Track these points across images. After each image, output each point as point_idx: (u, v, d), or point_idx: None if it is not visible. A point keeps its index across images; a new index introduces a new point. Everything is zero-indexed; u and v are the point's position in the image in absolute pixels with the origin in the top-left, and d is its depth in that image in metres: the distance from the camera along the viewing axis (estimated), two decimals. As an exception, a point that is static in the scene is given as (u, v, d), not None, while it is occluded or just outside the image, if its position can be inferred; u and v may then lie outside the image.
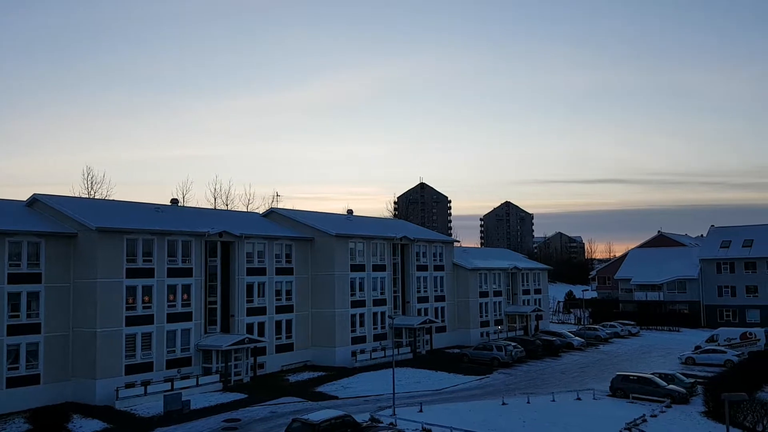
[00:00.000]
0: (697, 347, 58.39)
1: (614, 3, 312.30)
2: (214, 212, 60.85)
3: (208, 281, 46.51)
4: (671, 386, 40.41)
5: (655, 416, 35.38)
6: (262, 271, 50.28)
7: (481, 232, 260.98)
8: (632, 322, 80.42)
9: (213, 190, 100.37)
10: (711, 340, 60.96)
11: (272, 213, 58.60)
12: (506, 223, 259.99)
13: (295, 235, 53.51)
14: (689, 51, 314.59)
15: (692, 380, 43.12)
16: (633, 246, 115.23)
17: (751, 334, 61.02)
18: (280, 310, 51.34)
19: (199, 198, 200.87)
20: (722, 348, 56.73)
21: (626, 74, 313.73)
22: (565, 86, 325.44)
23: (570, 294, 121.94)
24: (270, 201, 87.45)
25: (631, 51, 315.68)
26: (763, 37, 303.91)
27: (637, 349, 64.77)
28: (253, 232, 50.15)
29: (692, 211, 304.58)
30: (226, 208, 78.93)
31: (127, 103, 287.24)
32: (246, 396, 40.81)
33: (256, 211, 73.31)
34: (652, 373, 42.86)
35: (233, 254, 48.34)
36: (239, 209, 79.76)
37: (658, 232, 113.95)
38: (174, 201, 55.28)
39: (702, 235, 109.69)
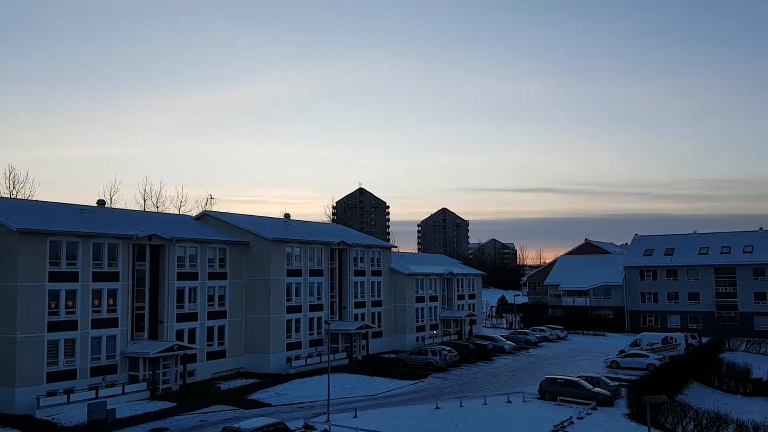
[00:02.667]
0: (622, 351, 60.72)
1: (546, 17, 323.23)
2: (143, 214, 58.89)
3: (135, 286, 45.03)
4: (597, 389, 41.83)
5: (582, 418, 36.52)
6: (194, 276, 48.98)
7: (419, 237, 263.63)
8: (560, 327, 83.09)
9: (143, 192, 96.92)
10: (634, 344, 63.63)
11: (205, 216, 57.23)
12: (443, 230, 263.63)
13: (230, 239, 52.44)
14: (615, 64, 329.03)
15: (617, 383, 44.77)
16: (562, 253, 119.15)
17: (672, 338, 64.10)
18: (212, 315, 50.13)
19: (127, 199, 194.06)
20: (645, 352, 59.18)
21: (556, 86, 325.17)
22: (498, 96, 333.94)
23: (503, 299, 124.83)
24: (203, 203, 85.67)
25: (562, 64, 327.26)
26: (684, 52, 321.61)
27: (565, 353, 66.82)
28: (184, 235, 48.85)
29: (617, 220, 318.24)
30: (156, 211, 76.55)
31: (50, 99, 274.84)
32: (175, 404, 39.62)
33: (189, 213, 71.59)
34: (579, 377, 44.25)
35: (163, 258, 46.93)
36: (171, 212, 77.52)
37: (586, 239, 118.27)
38: (101, 202, 53.20)
39: (626, 244, 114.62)
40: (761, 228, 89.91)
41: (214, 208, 65.51)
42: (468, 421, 34.55)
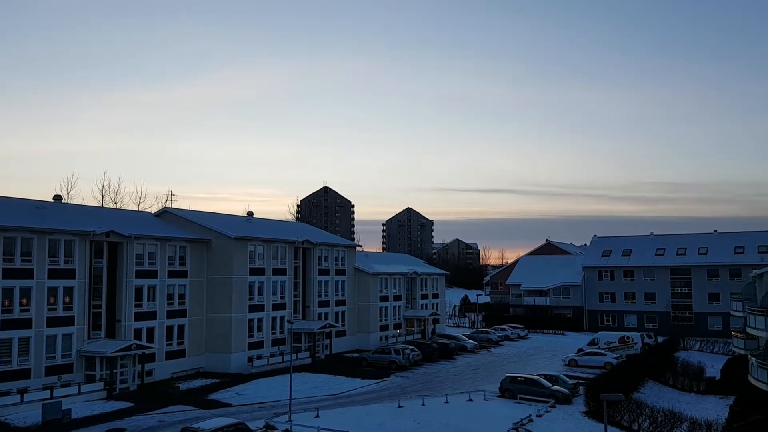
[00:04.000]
0: (580, 350, 61.89)
1: (511, 20, 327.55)
2: (101, 211, 57.58)
3: (92, 284, 44.07)
4: (555, 387, 42.55)
5: (541, 416, 37.11)
6: (153, 274, 48.11)
7: (384, 237, 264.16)
8: (521, 326, 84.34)
9: (101, 188, 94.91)
10: (592, 343, 64.93)
11: (165, 213, 56.23)
12: (407, 229, 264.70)
13: (191, 236, 51.66)
14: (578, 70, 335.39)
15: (575, 381, 45.61)
16: (524, 253, 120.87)
17: (628, 338, 65.59)
18: (171, 314, 49.32)
19: (85, 195, 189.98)
20: (602, 351, 60.47)
21: (520, 90, 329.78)
22: (462, 98, 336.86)
23: (465, 298, 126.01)
24: (164, 200, 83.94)
25: (526, 68, 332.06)
26: (643, 59, 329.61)
27: (525, 352, 67.82)
28: (143, 232, 47.94)
29: (577, 222, 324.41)
30: (114, 207, 74.92)
31: (5, 93, 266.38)
32: (132, 404, 38.94)
33: (148, 210, 70.23)
34: (538, 375, 44.96)
35: (121, 255, 45.99)
36: (130, 208, 76.04)
37: (546, 240, 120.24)
38: (57, 198, 51.75)
39: (586, 244, 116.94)
40: (716, 230, 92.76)
41: (175, 205, 64.51)
42: (430, 420, 34.77)
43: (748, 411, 35.80)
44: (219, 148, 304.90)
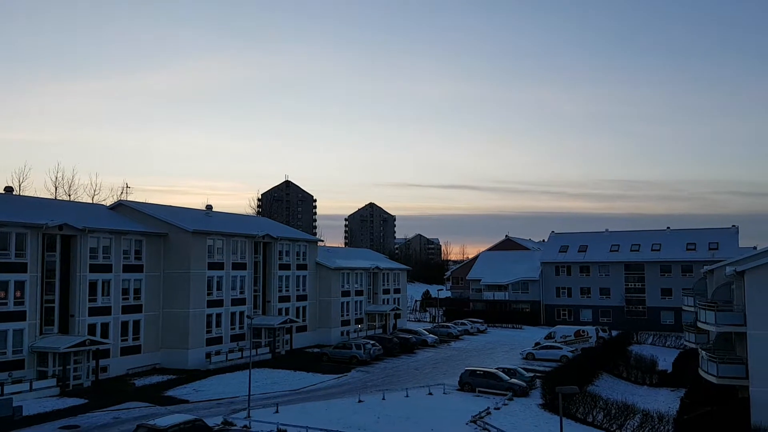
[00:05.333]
0: (537, 344, 63.04)
1: (475, 18, 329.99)
2: (54, 203, 55.90)
3: (45, 278, 42.85)
4: (513, 380, 43.23)
5: (498, 408, 37.65)
6: (107, 268, 47.02)
7: (346, 232, 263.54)
8: (481, 320, 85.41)
9: (54, 179, 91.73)
10: (549, 337, 66.20)
11: (121, 205, 54.92)
12: (370, 224, 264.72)
13: (147, 230, 50.60)
14: (536, 68, 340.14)
15: (532, 374, 46.47)
16: (484, 249, 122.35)
17: (584, 331, 67.10)
18: (127, 309, 48.29)
19: (37, 187, 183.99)
20: (559, 344, 61.67)
21: (481, 87, 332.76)
22: (425, 95, 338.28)
23: (427, 293, 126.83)
24: (119, 193, 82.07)
25: (488, 65, 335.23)
26: (600, 58, 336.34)
27: (484, 346, 68.69)
28: (98, 225, 46.80)
29: (536, 218, 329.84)
30: (68, 199, 72.84)
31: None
32: (86, 401, 38.11)
33: (103, 203, 68.54)
34: (497, 368, 45.60)
35: (75, 249, 44.81)
36: (84, 200, 74.00)
37: (506, 236, 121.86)
38: (8, 189, 50.05)
39: (544, 240, 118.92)
40: (669, 227, 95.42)
41: (131, 198, 63.16)
42: (390, 414, 34.91)
43: (699, 403, 37.00)
44: (177, 140, 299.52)
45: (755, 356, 34.08)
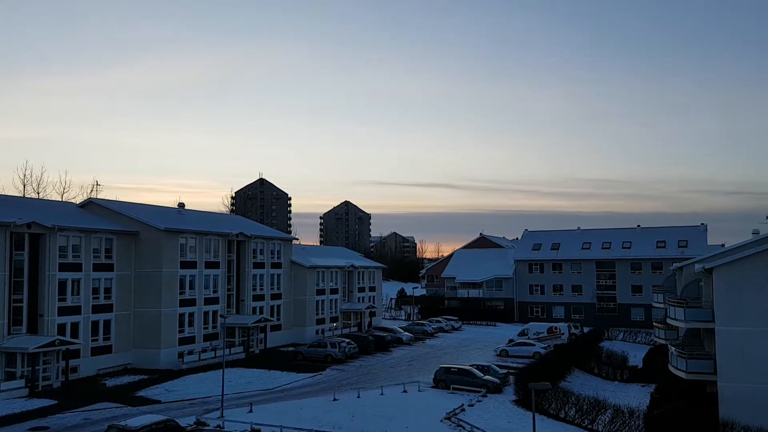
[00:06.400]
0: (510, 340, 63.60)
1: (451, 16, 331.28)
2: (22, 201, 54.64)
3: (13, 277, 41.92)
4: (487, 377, 43.57)
5: (473, 405, 37.93)
6: (77, 267, 46.20)
7: (321, 230, 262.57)
8: (456, 318, 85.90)
9: (22, 177, 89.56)
10: (522, 333, 66.86)
11: (91, 203, 54.00)
12: (345, 222, 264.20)
13: (118, 228, 49.82)
14: (509, 68, 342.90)
15: (505, 371, 46.85)
16: (459, 246, 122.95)
17: (556, 328, 67.89)
18: (97, 309, 47.52)
19: (5, 184, 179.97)
20: (531, 341, 62.34)
21: (456, 86, 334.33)
22: (400, 94, 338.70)
23: (402, 291, 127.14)
24: (89, 190, 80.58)
25: (463, 65, 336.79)
26: (571, 58, 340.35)
27: (459, 343, 69.09)
28: (67, 223, 45.91)
29: (510, 216, 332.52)
30: (37, 197, 71.29)
31: None
32: (56, 402, 37.42)
33: (73, 201, 67.28)
34: (471, 365, 45.91)
35: (44, 248, 43.95)
36: (53, 198, 72.53)
37: (480, 234, 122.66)
38: (-26, 186, 48.86)
39: (517, 238, 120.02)
40: (639, 225, 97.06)
41: (101, 196, 62.28)
42: (365, 412, 34.90)
43: (668, 398, 37.68)
44: (149, 137, 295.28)
45: (723, 352, 34.77)
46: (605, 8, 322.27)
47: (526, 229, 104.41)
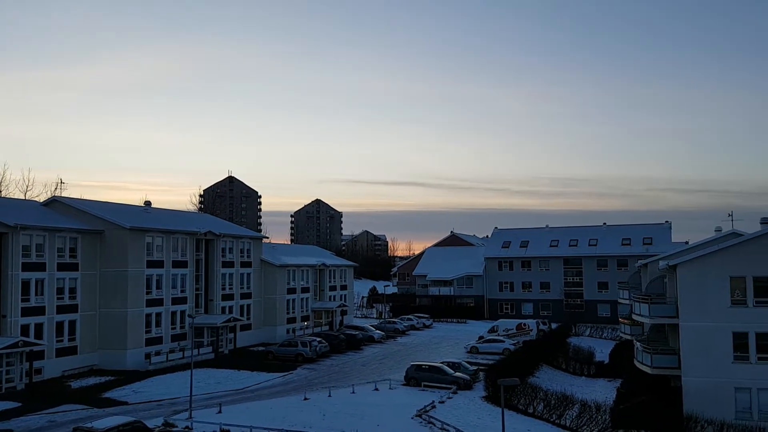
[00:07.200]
0: (481, 337, 64.17)
1: (422, 14, 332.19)
2: (-17, 199, 53.22)
3: (-28, 278, 40.75)
4: (457, 374, 43.87)
5: (443, 402, 38.13)
6: (41, 267, 45.18)
7: (292, 228, 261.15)
8: (427, 315, 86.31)
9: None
10: (492, 330, 67.50)
11: (55, 202, 52.78)
12: (316, 221, 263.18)
13: (82, 227, 48.82)
14: (479, 67, 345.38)
15: (475, 368, 47.22)
16: (430, 245, 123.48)
17: (525, 324, 68.68)
18: (62, 309, 46.53)
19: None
20: (501, 338, 62.94)
21: (425, 85, 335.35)
22: (371, 92, 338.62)
23: (374, 290, 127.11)
24: (53, 188, 78.86)
25: (434, 64, 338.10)
26: (539, 58, 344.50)
27: (430, 340, 69.44)
28: (31, 222, 44.85)
29: (480, 214, 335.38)
30: (-1, 195, 69.45)
31: None
32: (20, 404, 36.61)
33: (36, 199, 65.66)
34: (442, 362, 46.13)
35: (6, 247, 42.89)
36: (15, 197, 70.73)
37: (451, 232, 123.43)
38: (-69, 184, 47.40)
39: (488, 236, 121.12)
40: (605, 223, 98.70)
41: (65, 194, 60.79)
42: (336, 411, 34.83)
43: (634, 393, 38.39)
44: (114, 133, 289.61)
45: (687, 347, 35.56)
46: (571, 8, 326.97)
47: (496, 227, 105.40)
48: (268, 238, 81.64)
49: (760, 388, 33.58)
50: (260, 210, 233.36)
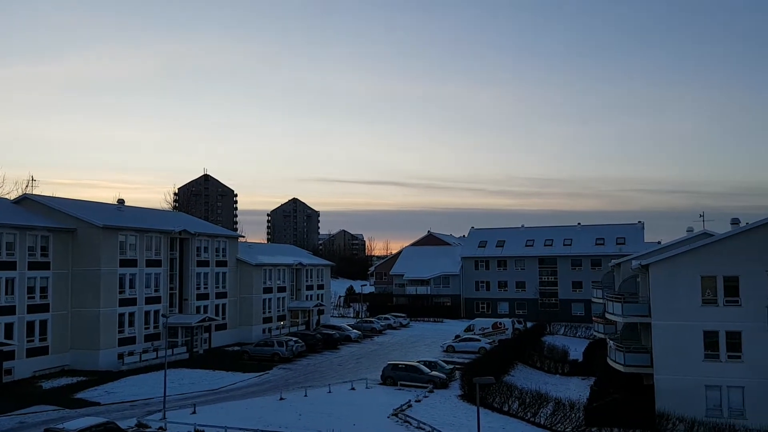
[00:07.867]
0: (457, 336, 64.43)
1: (396, 15, 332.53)
2: (-50, 196, 51.94)
3: (-62, 277, 39.74)
4: (434, 373, 44.01)
5: (419, 401, 38.26)
6: (11, 266, 44.28)
7: (268, 227, 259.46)
8: (404, 315, 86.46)
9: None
10: (468, 329, 67.82)
11: (26, 199, 51.72)
12: (293, 220, 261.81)
13: (54, 225, 47.94)
14: (456, 66, 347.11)
15: (452, 367, 47.42)
16: (407, 244, 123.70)
17: (501, 323, 69.12)
18: (32, 309, 45.64)
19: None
20: (477, 337, 63.28)
21: (403, 84, 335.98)
22: (348, 91, 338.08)
23: (351, 289, 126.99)
24: (24, 186, 77.37)
25: (410, 63, 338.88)
26: (516, 59, 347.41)
27: (407, 340, 69.56)
28: (1, 220, 44.02)
29: (457, 214, 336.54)
30: (-33, 192, 67.85)
31: None
32: (-12, 407, 35.70)
33: (7, 197, 64.21)
34: (418, 361, 46.22)
35: (-26, 245, 41.82)
36: (-15, 194, 69.11)
37: (428, 232, 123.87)
38: None
39: (464, 236, 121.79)
40: (579, 223, 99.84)
41: (36, 192, 59.41)
42: (312, 411, 34.72)
43: (607, 390, 38.92)
44: (86, 130, 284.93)
45: (659, 345, 36.10)
46: (548, 8, 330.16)
47: (473, 227, 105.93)
48: (244, 237, 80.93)
49: (729, 385, 34.24)
50: (236, 209, 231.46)
